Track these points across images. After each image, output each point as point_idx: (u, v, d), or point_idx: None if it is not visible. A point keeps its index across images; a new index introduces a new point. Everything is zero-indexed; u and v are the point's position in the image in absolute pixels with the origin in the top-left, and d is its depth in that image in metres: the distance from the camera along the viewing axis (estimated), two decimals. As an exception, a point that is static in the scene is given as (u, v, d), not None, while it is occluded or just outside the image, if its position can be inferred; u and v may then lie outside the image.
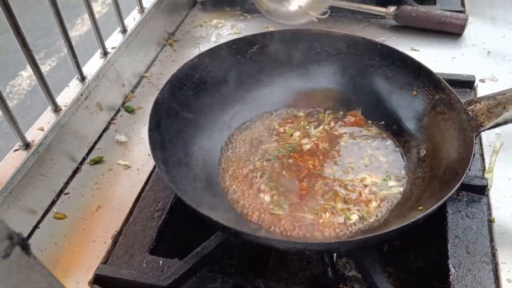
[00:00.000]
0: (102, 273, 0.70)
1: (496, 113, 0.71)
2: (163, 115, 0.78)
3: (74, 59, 0.89)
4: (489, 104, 0.72)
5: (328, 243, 0.65)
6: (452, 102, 0.75)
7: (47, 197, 0.82)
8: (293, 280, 0.84)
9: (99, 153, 0.91)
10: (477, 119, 0.72)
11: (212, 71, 0.87)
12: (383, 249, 0.90)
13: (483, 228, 0.71)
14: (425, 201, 0.69)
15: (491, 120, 0.71)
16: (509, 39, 1.07)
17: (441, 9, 1.15)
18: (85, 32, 3.29)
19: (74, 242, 0.76)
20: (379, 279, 0.64)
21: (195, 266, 0.68)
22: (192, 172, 0.77)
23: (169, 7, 1.23)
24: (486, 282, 0.65)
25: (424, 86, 0.81)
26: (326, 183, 0.79)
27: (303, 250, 0.64)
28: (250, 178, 0.80)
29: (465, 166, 0.65)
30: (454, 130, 0.74)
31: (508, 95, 0.72)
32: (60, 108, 0.86)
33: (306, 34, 0.91)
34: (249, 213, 0.75)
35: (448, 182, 0.66)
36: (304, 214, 0.75)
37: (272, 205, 0.76)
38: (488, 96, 0.73)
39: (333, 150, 0.84)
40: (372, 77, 0.88)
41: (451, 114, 0.75)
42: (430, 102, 0.80)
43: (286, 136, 0.87)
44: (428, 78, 0.81)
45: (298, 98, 0.92)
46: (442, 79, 0.78)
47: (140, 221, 0.78)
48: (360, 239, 0.63)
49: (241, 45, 0.90)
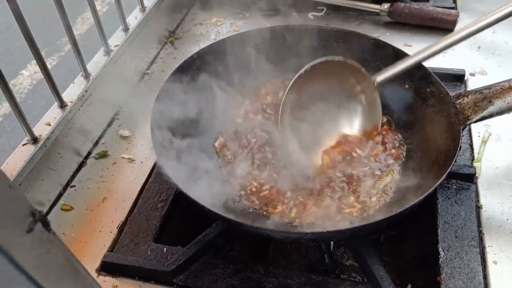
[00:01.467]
0: (108, 260, 0.73)
1: (482, 106, 0.74)
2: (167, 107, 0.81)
3: (79, 57, 0.92)
4: (476, 98, 0.75)
5: (321, 232, 0.67)
6: (442, 96, 0.79)
7: (55, 189, 0.85)
8: (292, 267, 0.88)
9: (104, 147, 0.95)
10: (464, 112, 0.75)
11: (218, 62, 0.90)
12: (380, 239, 0.93)
13: (471, 214, 0.75)
14: (415, 192, 0.72)
15: (477, 113, 0.74)
16: (499, 34, 1.11)
17: (433, 5, 1.18)
18: (86, 31, 3.32)
19: (81, 232, 0.80)
20: (376, 267, 0.68)
21: (197, 253, 0.72)
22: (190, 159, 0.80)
23: (170, 5, 1.26)
24: (473, 264, 0.69)
25: (416, 79, 0.84)
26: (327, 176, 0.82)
27: (298, 239, 0.67)
28: (251, 164, 0.83)
29: (451, 158, 0.68)
30: (443, 123, 0.77)
31: (494, 89, 0.75)
32: (66, 104, 0.89)
33: (302, 29, 0.94)
34: (253, 201, 0.78)
35: (435, 173, 0.69)
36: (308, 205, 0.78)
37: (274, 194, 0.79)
38: (475, 90, 0.76)
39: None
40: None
41: (440, 107, 0.79)
42: (421, 96, 0.83)
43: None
44: (420, 72, 0.83)
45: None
46: (433, 73, 0.81)
47: (144, 211, 0.81)
48: (349, 229, 0.66)
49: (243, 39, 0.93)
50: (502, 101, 0.73)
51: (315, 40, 0.93)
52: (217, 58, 0.91)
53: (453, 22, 1.13)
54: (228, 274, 0.70)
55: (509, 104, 0.73)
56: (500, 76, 1.00)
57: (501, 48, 1.08)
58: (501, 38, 1.10)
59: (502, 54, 1.06)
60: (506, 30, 1.12)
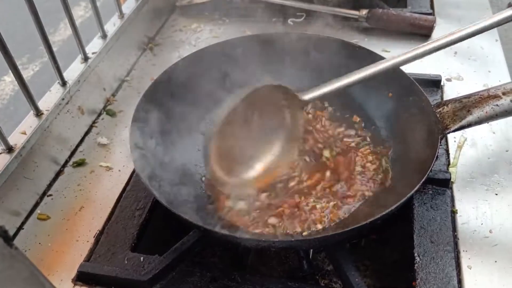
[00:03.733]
0: (84, 270, 0.72)
1: (460, 116, 0.74)
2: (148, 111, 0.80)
3: (55, 65, 0.92)
4: (455, 107, 0.76)
5: (289, 241, 0.67)
6: (423, 105, 0.79)
7: (31, 199, 0.84)
8: (271, 273, 0.88)
9: (81, 155, 0.94)
10: (444, 121, 0.75)
11: (193, 74, 0.90)
12: (361, 243, 0.93)
13: (447, 219, 0.76)
14: (392, 199, 0.72)
15: (456, 123, 0.74)
16: (474, 39, 1.11)
17: (411, 11, 1.19)
18: (68, 37, 3.29)
19: (57, 241, 0.79)
20: (351, 274, 0.68)
21: (174, 261, 0.71)
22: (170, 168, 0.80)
23: (149, 12, 1.25)
24: (448, 269, 0.69)
25: (399, 88, 0.85)
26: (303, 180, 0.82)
27: (267, 247, 0.67)
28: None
29: (427, 167, 0.68)
30: (423, 131, 0.77)
31: (473, 98, 0.75)
32: (42, 113, 0.88)
33: (283, 37, 0.95)
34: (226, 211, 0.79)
35: (412, 183, 0.69)
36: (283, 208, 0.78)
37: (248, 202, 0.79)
38: (455, 99, 0.77)
39: (309, 146, 0.88)
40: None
41: (421, 116, 0.79)
42: (403, 104, 0.84)
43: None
44: (402, 80, 0.84)
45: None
46: (415, 82, 0.82)
47: (122, 220, 0.81)
48: (318, 238, 0.66)
49: (223, 48, 0.93)
50: (480, 110, 0.74)
51: (295, 47, 0.94)
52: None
53: (430, 27, 1.15)
54: (205, 282, 0.70)
55: (487, 114, 0.74)
56: (475, 81, 1.01)
57: (477, 54, 1.09)
58: (477, 43, 1.11)
59: (478, 59, 1.08)
60: (482, 36, 1.13)
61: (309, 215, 0.77)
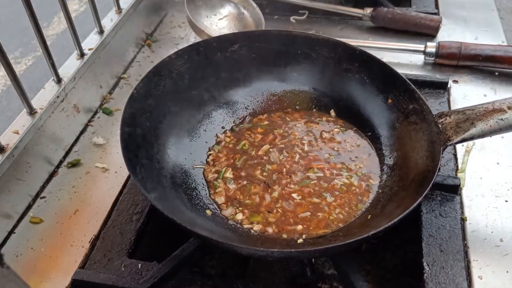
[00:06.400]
0: (79, 278, 0.69)
1: (464, 128, 0.72)
2: (138, 111, 0.77)
3: (50, 61, 0.88)
4: (458, 119, 0.73)
5: (288, 251, 0.65)
6: (424, 114, 0.76)
7: (23, 201, 0.81)
8: (273, 280, 0.85)
9: (76, 156, 0.91)
10: (446, 132, 0.72)
11: (188, 69, 0.86)
12: (362, 248, 0.91)
13: (456, 226, 0.73)
14: (389, 211, 0.70)
15: (459, 135, 0.72)
16: (481, 40, 1.10)
17: (416, 11, 1.17)
18: (62, 31, 3.24)
19: (51, 246, 0.76)
20: (356, 278, 0.65)
21: (174, 269, 0.68)
22: (164, 171, 0.77)
23: (147, 8, 1.22)
24: (458, 279, 0.67)
25: (399, 95, 0.82)
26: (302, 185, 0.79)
27: (264, 256, 0.64)
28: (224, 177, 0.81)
29: (429, 180, 0.66)
30: (424, 141, 0.75)
31: (477, 110, 0.72)
32: (35, 111, 0.85)
33: (286, 36, 0.92)
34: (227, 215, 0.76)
35: (413, 194, 0.67)
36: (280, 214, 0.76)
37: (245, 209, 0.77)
38: (458, 110, 0.74)
39: (306, 153, 0.85)
40: (349, 82, 0.89)
41: (422, 125, 0.76)
42: (404, 112, 0.81)
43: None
44: (403, 87, 0.81)
45: (273, 100, 0.93)
46: (416, 90, 0.79)
47: (118, 224, 0.77)
48: (318, 250, 0.63)
49: (220, 44, 0.90)
50: (484, 123, 0.71)
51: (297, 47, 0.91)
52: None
53: (436, 27, 1.12)
54: (206, 291, 0.67)
55: (491, 127, 0.71)
56: (482, 84, 0.99)
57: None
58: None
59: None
60: (488, 37, 1.12)
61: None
